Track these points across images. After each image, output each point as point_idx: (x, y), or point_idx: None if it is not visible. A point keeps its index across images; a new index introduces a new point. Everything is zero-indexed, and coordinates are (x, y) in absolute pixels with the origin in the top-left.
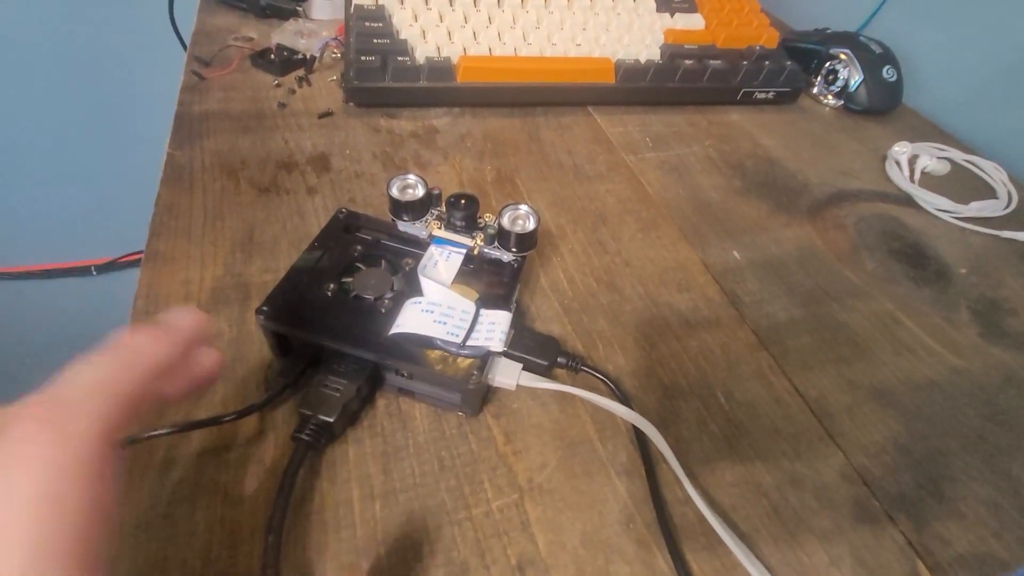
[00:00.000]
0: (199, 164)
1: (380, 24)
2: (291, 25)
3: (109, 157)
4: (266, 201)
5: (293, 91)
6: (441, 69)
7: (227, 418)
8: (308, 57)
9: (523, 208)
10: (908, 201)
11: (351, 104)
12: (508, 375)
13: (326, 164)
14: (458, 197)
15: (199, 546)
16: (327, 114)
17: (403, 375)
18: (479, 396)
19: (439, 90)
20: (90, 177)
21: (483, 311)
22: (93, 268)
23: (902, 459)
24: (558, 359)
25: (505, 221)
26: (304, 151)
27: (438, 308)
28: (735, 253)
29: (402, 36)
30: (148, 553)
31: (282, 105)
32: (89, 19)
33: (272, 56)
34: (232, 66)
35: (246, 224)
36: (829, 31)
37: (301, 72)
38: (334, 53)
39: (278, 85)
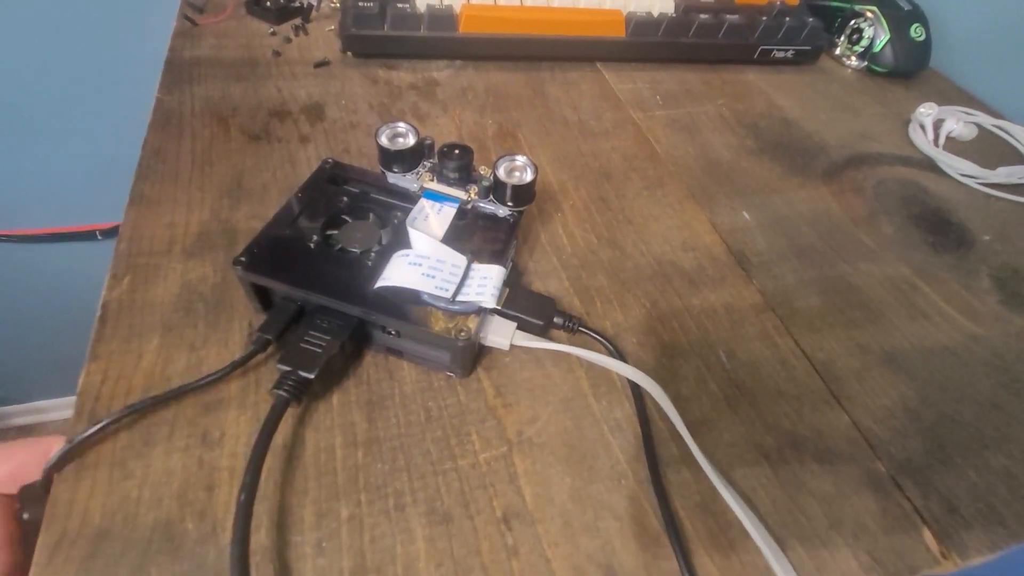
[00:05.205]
0: (188, 110)
1: None
2: None
3: (116, 120)
4: (256, 148)
5: (289, 40)
6: (443, 18)
7: (206, 380)
8: (306, 5)
9: (520, 159)
10: (931, 166)
11: (348, 54)
12: (502, 334)
13: (320, 114)
14: (451, 147)
15: (175, 486)
16: (323, 63)
17: (390, 332)
18: (470, 355)
19: (440, 40)
20: (96, 139)
21: (475, 265)
22: (98, 233)
23: (911, 424)
24: (555, 319)
25: (501, 173)
26: (298, 100)
27: (427, 261)
28: (744, 213)
29: None
30: (122, 492)
31: (277, 53)
32: None
33: (268, 3)
34: (226, 13)
35: (235, 170)
36: None
37: (298, 20)
38: (332, 3)
39: (273, 33)
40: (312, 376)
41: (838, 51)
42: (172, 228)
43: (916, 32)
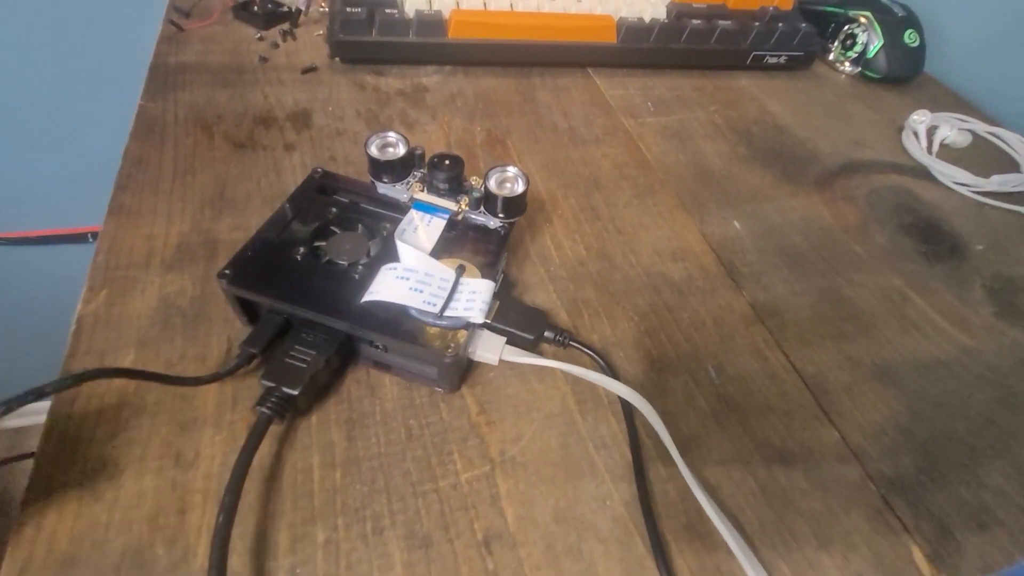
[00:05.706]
0: (172, 117)
1: None
2: None
3: (108, 124)
4: (241, 157)
5: (276, 45)
6: (431, 23)
7: (187, 381)
8: (293, 10)
9: (511, 170)
10: (924, 173)
11: (336, 60)
12: (490, 349)
13: (307, 121)
14: (441, 157)
15: (146, 510)
16: (311, 69)
17: (377, 347)
18: (457, 371)
19: (429, 46)
20: (88, 143)
21: (464, 279)
22: (90, 235)
23: (903, 441)
24: (545, 333)
25: (492, 184)
26: (284, 107)
27: (414, 275)
28: (735, 223)
29: None
30: (91, 516)
31: (264, 59)
32: None
33: (256, 8)
34: (213, 17)
35: (218, 180)
36: None
37: (286, 25)
38: (321, 7)
39: (261, 38)
40: (296, 392)
41: (831, 57)
42: (151, 240)
43: (910, 38)
